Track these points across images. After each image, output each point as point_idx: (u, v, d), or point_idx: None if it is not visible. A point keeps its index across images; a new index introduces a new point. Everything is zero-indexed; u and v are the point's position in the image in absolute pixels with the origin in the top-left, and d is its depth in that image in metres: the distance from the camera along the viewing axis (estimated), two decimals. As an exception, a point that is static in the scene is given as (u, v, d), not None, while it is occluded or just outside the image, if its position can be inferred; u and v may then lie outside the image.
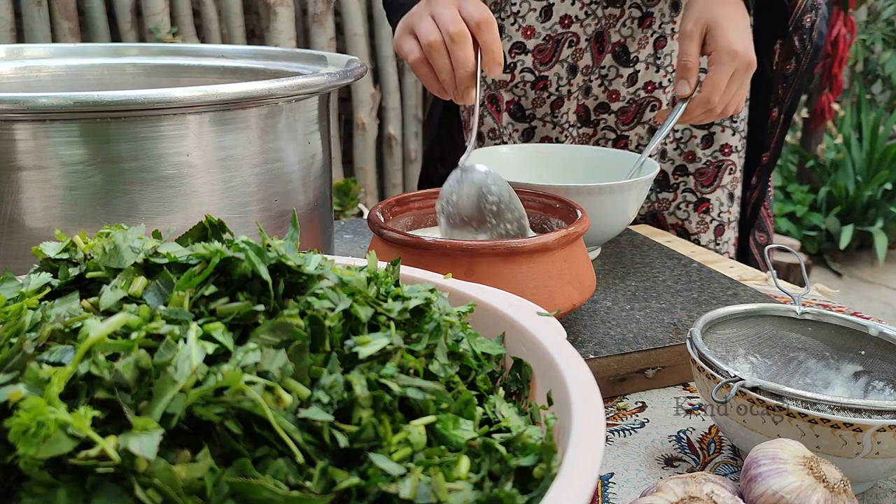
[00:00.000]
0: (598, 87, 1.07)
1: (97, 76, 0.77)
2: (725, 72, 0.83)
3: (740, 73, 0.84)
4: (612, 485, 0.52)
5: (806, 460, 0.42)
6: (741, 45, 0.82)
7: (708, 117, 0.87)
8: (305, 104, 0.59)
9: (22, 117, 0.47)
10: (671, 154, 1.11)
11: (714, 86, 0.83)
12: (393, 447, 0.29)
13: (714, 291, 0.78)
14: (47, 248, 0.37)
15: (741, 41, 0.83)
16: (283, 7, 2.57)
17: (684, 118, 0.87)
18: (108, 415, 0.27)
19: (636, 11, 1.03)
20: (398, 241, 0.61)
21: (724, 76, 0.83)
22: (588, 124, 1.09)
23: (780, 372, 0.58)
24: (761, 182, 1.12)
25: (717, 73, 0.83)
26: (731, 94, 0.85)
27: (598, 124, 1.09)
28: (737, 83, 0.84)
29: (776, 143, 1.09)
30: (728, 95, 0.85)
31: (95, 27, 2.44)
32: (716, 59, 0.83)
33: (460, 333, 0.38)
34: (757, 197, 1.12)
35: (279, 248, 0.34)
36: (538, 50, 1.06)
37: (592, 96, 1.08)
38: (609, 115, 1.08)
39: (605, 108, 1.08)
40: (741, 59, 0.83)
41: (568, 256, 0.62)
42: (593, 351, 0.63)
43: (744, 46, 0.83)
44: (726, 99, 0.85)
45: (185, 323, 0.30)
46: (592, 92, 1.07)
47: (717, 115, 0.87)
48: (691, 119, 0.87)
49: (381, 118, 2.90)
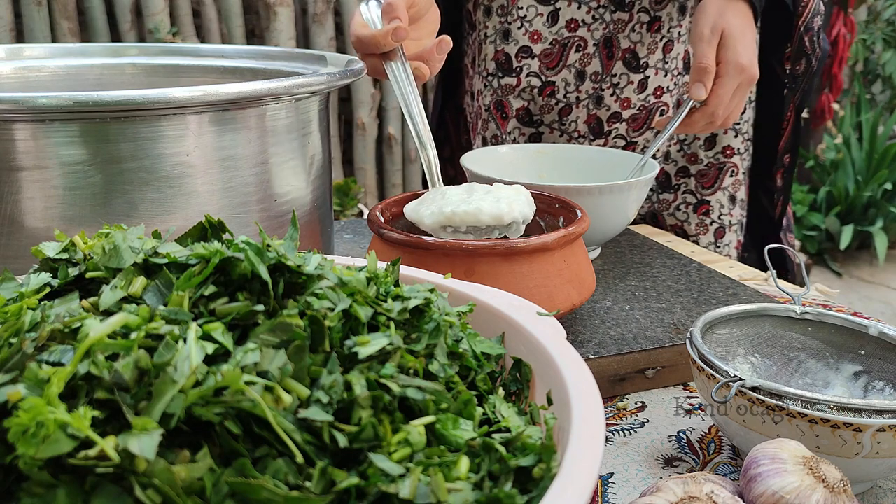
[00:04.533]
0: (611, 97, 1.06)
1: (97, 76, 0.77)
2: (731, 85, 0.84)
3: (744, 86, 0.85)
4: (612, 485, 0.52)
5: (806, 460, 0.42)
6: (748, 60, 0.84)
7: (709, 128, 0.88)
8: (305, 104, 0.59)
9: (22, 117, 0.47)
10: (674, 155, 1.11)
11: (719, 98, 0.85)
12: (393, 447, 0.29)
13: (714, 291, 0.78)
14: (47, 248, 0.37)
15: (748, 55, 0.84)
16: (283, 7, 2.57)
17: (686, 128, 0.88)
18: (108, 415, 0.27)
19: (644, 16, 1.02)
20: (398, 241, 0.61)
21: (730, 90, 0.84)
22: (600, 135, 1.08)
23: (779, 372, 0.58)
24: (786, 183, 1.12)
25: (722, 86, 0.84)
26: (732, 107, 0.87)
27: (609, 134, 1.08)
28: (739, 96, 0.86)
29: (793, 143, 1.09)
30: (730, 108, 0.86)
31: (95, 27, 2.44)
32: (723, 72, 0.84)
33: (460, 333, 0.38)
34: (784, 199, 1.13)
35: (279, 248, 0.34)
36: (545, 54, 1.05)
37: (605, 106, 1.06)
38: (620, 123, 1.08)
39: (617, 118, 1.07)
40: (747, 73, 0.84)
41: (568, 256, 0.62)
42: (593, 351, 0.63)
43: (750, 61, 0.84)
44: (728, 111, 0.87)
45: (185, 323, 0.30)
46: (605, 102, 1.06)
47: (717, 127, 0.88)
48: (693, 129, 0.88)
49: (381, 118, 2.90)
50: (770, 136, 1.10)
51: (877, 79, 4.16)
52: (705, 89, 0.84)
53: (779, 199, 1.13)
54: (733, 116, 0.88)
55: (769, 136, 1.10)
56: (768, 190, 1.13)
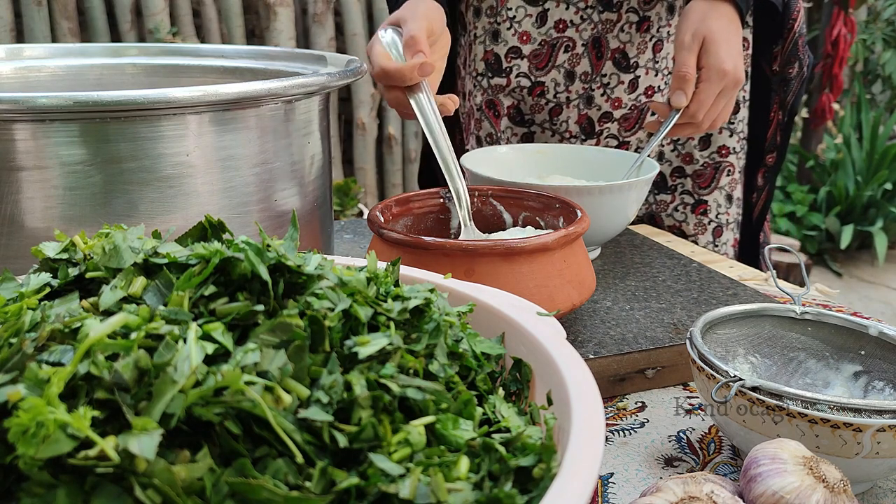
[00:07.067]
0: (601, 97, 1.06)
1: (97, 76, 0.77)
2: (713, 90, 0.85)
3: (728, 90, 0.86)
4: (612, 485, 0.52)
5: (806, 460, 0.42)
6: (731, 64, 0.84)
7: (695, 131, 0.89)
8: (305, 104, 0.59)
9: (22, 117, 0.47)
10: (669, 156, 1.12)
11: (701, 103, 0.85)
12: (392, 447, 0.29)
13: (714, 291, 0.78)
14: (47, 248, 0.37)
15: (732, 59, 0.84)
16: (283, 7, 2.57)
17: (672, 133, 0.89)
18: (108, 415, 0.27)
19: (633, 16, 1.02)
20: (398, 241, 0.61)
21: (712, 94, 0.85)
22: (592, 135, 1.09)
23: (779, 372, 0.58)
24: (768, 183, 1.12)
25: (704, 91, 0.85)
26: (717, 111, 0.87)
27: (601, 134, 1.09)
28: (724, 100, 0.86)
29: (781, 145, 1.10)
30: (714, 112, 0.87)
31: (95, 27, 2.44)
32: (705, 77, 0.85)
33: (460, 333, 0.38)
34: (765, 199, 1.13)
35: (279, 248, 0.34)
36: (534, 55, 1.05)
37: (595, 106, 1.07)
38: (612, 122, 1.08)
39: (608, 118, 1.07)
40: (730, 77, 0.84)
41: (568, 256, 0.62)
42: (593, 351, 0.63)
43: (734, 65, 0.84)
44: (713, 115, 0.87)
45: (185, 323, 0.30)
46: (595, 102, 1.07)
47: (703, 130, 0.89)
48: (679, 133, 0.89)
49: (381, 118, 2.90)
50: (759, 135, 1.10)
51: (877, 79, 4.16)
52: (685, 96, 0.85)
53: (758, 198, 1.13)
54: (721, 119, 0.88)
55: (759, 136, 1.10)
56: (751, 188, 1.13)
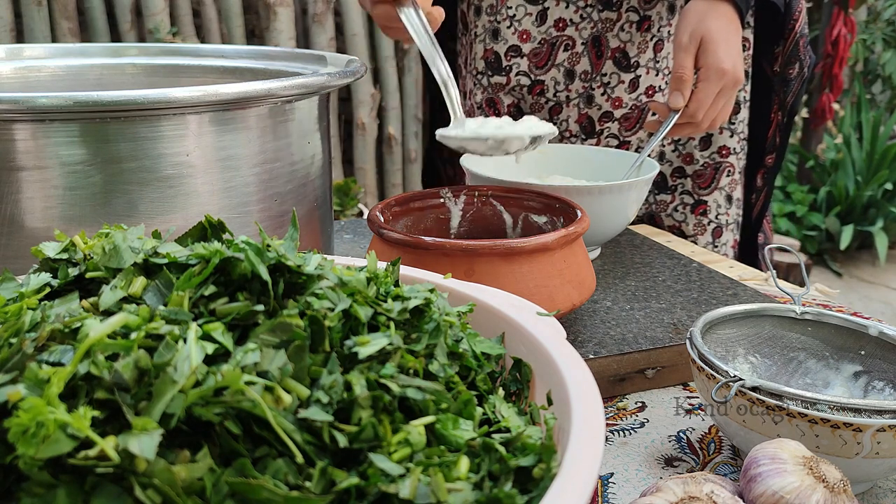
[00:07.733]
0: (601, 96, 1.06)
1: (97, 76, 0.77)
2: (712, 90, 0.85)
3: (727, 90, 0.86)
4: (611, 485, 0.52)
5: (806, 460, 0.42)
6: (730, 64, 0.84)
7: (695, 131, 0.89)
8: (305, 104, 0.59)
9: (22, 117, 0.47)
10: (669, 156, 1.12)
11: (700, 103, 0.85)
12: (392, 447, 0.29)
13: (714, 291, 0.78)
14: (47, 248, 0.37)
15: (730, 59, 0.84)
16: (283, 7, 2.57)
17: (672, 133, 0.89)
18: (108, 415, 0.27)
19: (634, 15, 1.02)
20: (398, 242, 0.61)
21: (711, 94, 0.85)
22: (592, 135, 1.09)
23: (779, 372, 0.58)
24: (767, 184, 1.12)
25: (703, 90, 0.85)
26: (717, 110, 0.87)
27: (601, 133, 1.09)
28: (723, 100, 0.86)
29: (780, 146, 1.10)
30: (714, 111, 0.87)
31: (95, 27, 2.43)
32: (704, 77, 0.85)
33: (460, 333, 0.38)
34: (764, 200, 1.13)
35: (279, 248, 0.34)
36: (533, 54, 1.06)
37: (595, 105, 1.07)
38: (612, 122, 1.08)
39: (608, 117, 1.07)
40: (729, 77, 0.84)
41: (568, 256, 0.62)
42: (593, 351, 0.63)
43: (733, 65, 0.84)
44: (712, 115, 0.87)
45: (185, 323, 0.30)
46: (595, 101, 1.07)
47: (702, 130, 0.89)
48: (678, 133, 0.89)
49: (381, 118, 2.90)
50: (760, 135, 1.10)
51: (877, 79, 4.16)
52: (683, 97, 0.85)
53: (757, 199, 1.13)
54: (720, 119, 0.88)
55: (759, 136, 1.10)
56: (751, 189, 1.13)
